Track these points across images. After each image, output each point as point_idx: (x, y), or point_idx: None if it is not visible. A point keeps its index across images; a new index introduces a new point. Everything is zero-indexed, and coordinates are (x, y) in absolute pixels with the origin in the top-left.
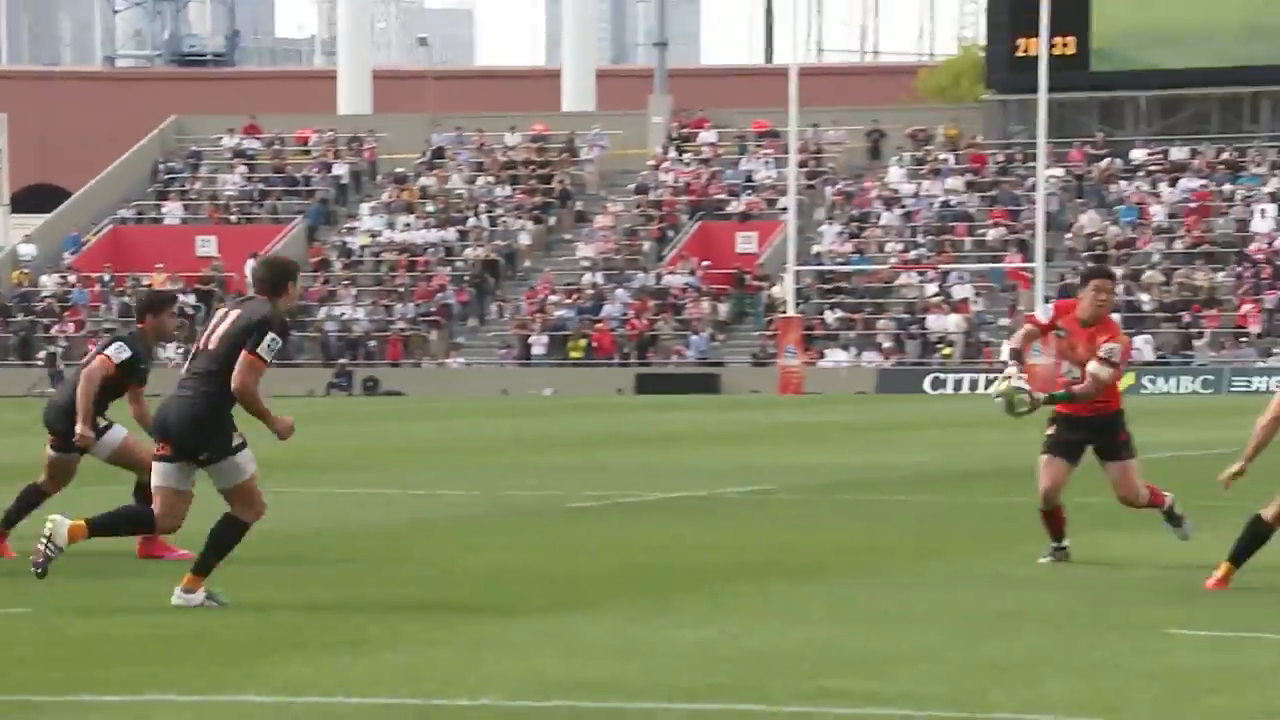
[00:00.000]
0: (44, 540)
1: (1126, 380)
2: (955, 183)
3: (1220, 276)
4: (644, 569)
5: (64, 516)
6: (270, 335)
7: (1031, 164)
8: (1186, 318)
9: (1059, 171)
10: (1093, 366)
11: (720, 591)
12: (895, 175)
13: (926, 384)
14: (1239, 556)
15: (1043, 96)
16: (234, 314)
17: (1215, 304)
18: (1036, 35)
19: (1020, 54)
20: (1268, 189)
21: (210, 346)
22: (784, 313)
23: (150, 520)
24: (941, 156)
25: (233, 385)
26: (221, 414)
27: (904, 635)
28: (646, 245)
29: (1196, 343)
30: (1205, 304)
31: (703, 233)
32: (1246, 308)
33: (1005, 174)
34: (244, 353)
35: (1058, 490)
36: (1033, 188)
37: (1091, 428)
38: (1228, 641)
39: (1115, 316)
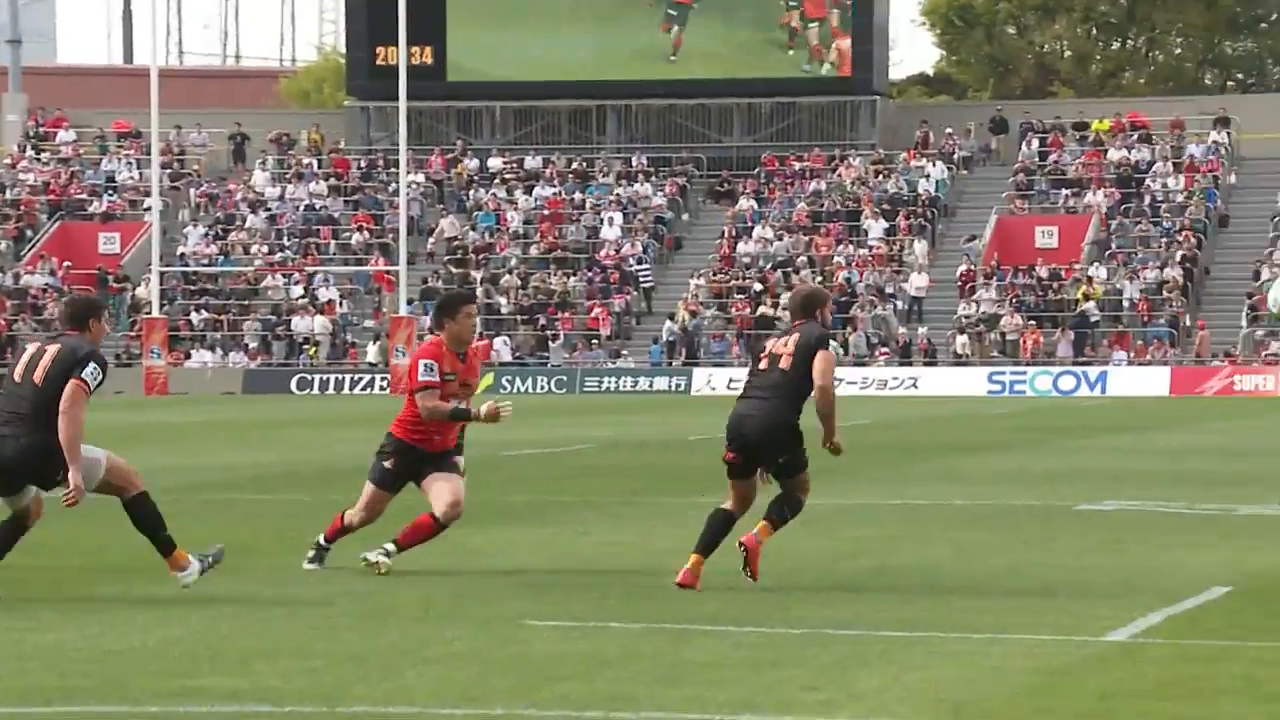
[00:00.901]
0: None
1: (485, 381)
2: (319, 187)
3: (572, 281)
4: None
5: None
6: (92, 365)
7: (394, 170)
8: (542, 320)
9: (420, 178)
10: None
11: (81, 594)
12: (260, 179)
13: (293, 384)
14: (707, 548)
15: (403, 105)
16: (52, 349)
17: (568, 307)
18: (395, 44)
19: (380, 63)
20: (614, 198)
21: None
22: (148, 314)
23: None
24: (305, 161)
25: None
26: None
27: (267, 632)
28: (3, 245)
29: (552, 344)
30: (559, 307)
31: (63, 233)
32: (597, 311)
33: (368, 179)
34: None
35: None
36: (395, 193)
37: None
38: (578, 631)
39: None
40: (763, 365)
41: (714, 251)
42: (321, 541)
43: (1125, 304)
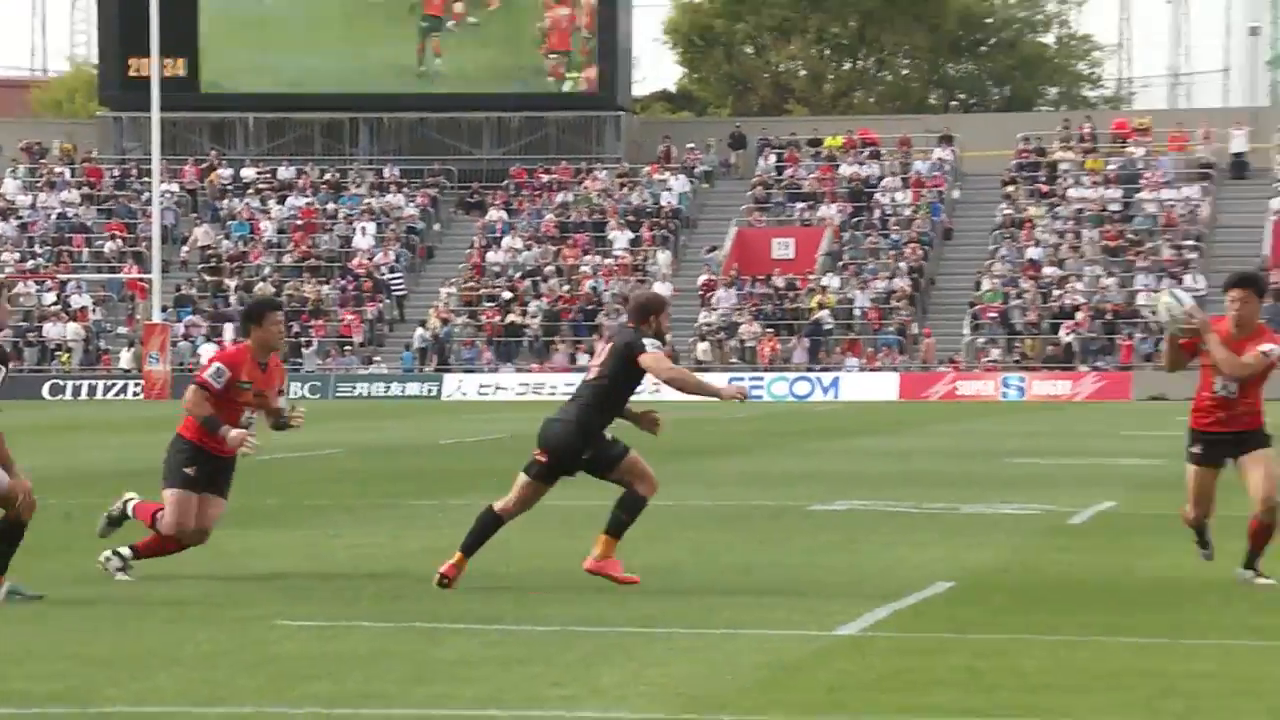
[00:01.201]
0: None
1: None
2: (72, 195)
3: (326, 289)
4: None
5: None
6: None
7: (147, 179)
8: (295, 327)
9: (174, 187)
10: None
11: None
12: (11, 187)
13: (45, 390)
14: (470, 548)
15: (155, 115)
16: None
17: (322, 314)
18: (148, 55)
19: (133, 74)
20: (366, 208)
21: None
22: None
23: None
24: (58, 170)
25: None
26: None
27: (17, 635)
28: None
29: (305, 351)
30: (313, 314)
31: None
32: (349, 318)
33: (122, 188)
34: None
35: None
36: (148, 202)
37: None
38: (329, 631)
39: None
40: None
41: (465, 261)
42: (126, 551)
43: (857, 313)
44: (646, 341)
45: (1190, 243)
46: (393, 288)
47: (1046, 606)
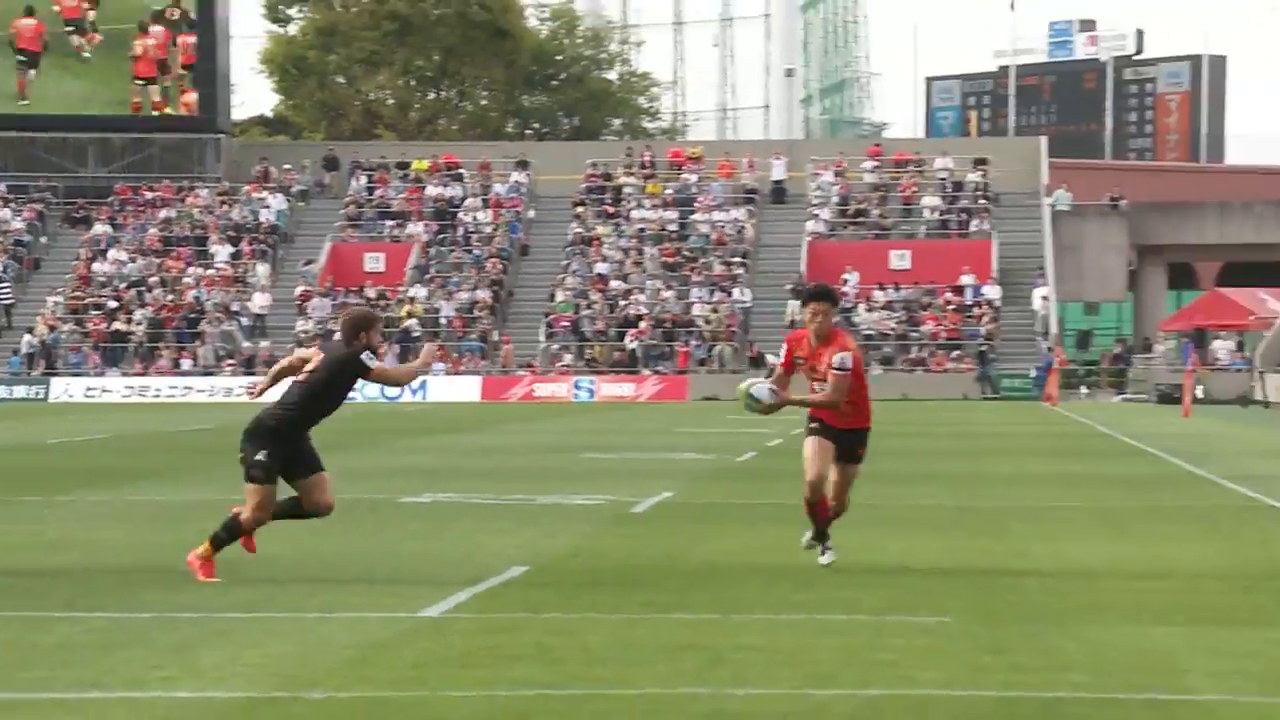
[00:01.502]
0: None
1: None
2: None
3: None
4: None
5: None
6: None
7: None
8: None
9: None
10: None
11: None
12: None
13: None
14: (219, 543)
15: None
16: None
17: None
18: None
19: None
20: None
21: None
22: None
23: None
24: None
25: None
26: None
27: None
28: None
29: None
30: None
31: None
32: None
33: None
34: None
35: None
36: None
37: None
38: None
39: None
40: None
41: (71, 272)
42: None
43: (443, 321)
44: (365, 357)
45: (738, 259)
46: (0, 297)
47: (611, 587)
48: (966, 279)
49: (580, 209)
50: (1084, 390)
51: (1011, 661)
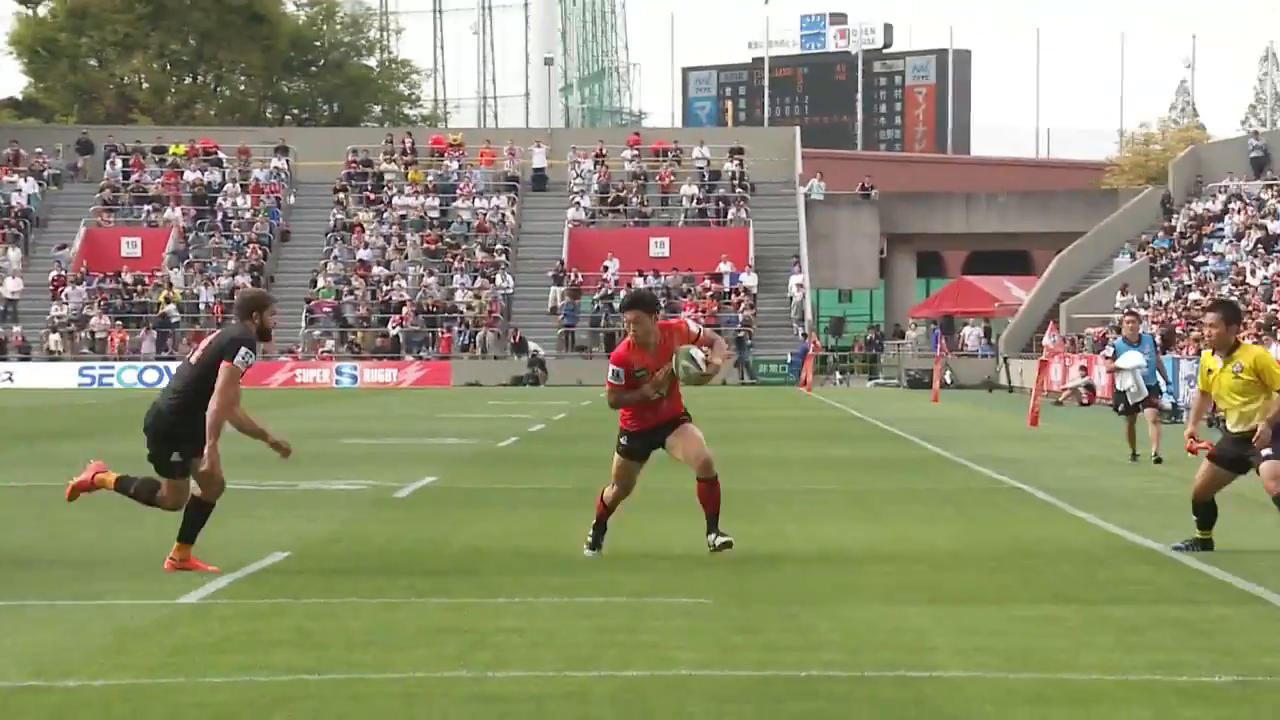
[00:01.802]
0: None
1: None
2: None
3: None
4: None
5: None
6: None
7: None
8: None
9: None
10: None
11: None
12: None
13: None
14: (187, 534)
15: None
16: None
17: None
18: None
19: None
20: None
21: None
22: None
23: None
24: None
25: None
26: None
27: None
28: None
29: None
30: None
31: None
32: None
33: None
34: None
35: None
36: None
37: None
38: None
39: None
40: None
41: None
42: None
43: (202, 306)
44: (240, 355)
45: (500, 246)
46: None
47: (373, 572)
48: (725, 266)
49: (341, 195)
50: (838, 375)
51: (767, 641)
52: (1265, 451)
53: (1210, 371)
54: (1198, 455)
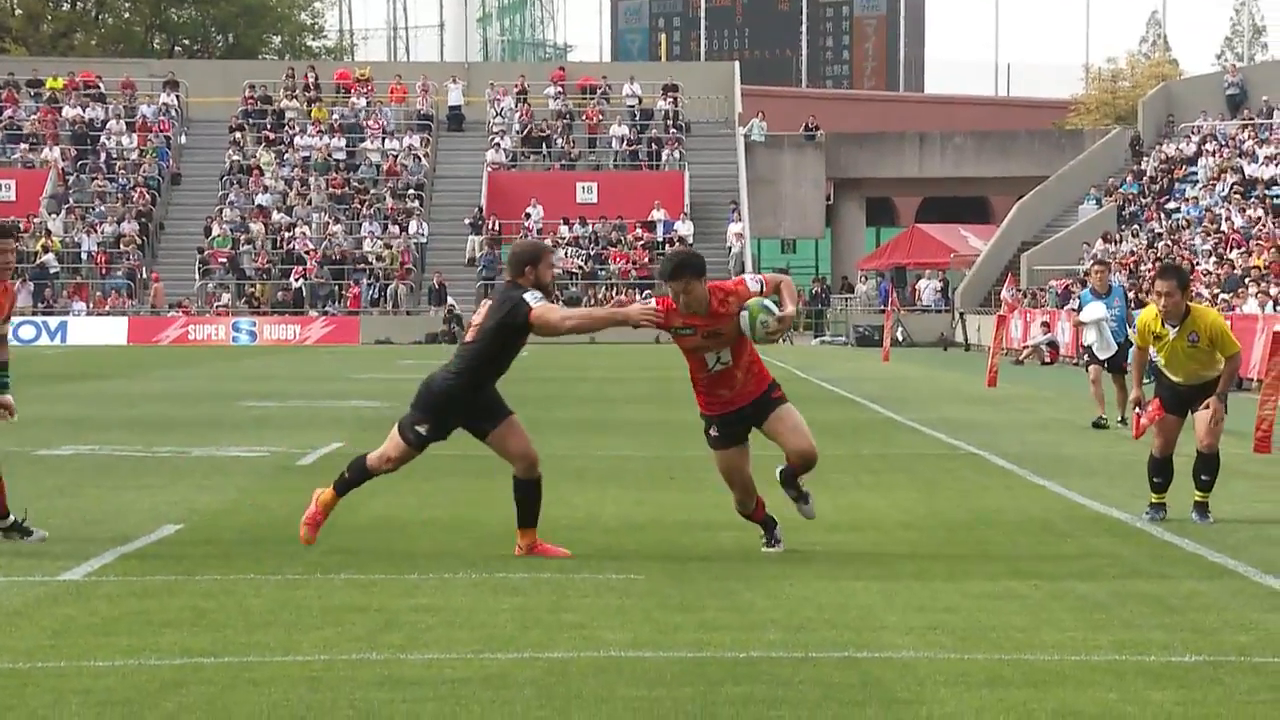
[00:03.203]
0: None
1: None
2: None
3: None
4: None
5: None
6: None
7: None
8: None
9: None
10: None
11: None
12: None
13: None
14: (529, 518)
15: None
16: None
17: None
18: None
19: None
20: None
21: None
22: None
23: None
24: None
25: None
26: None
27: None
28: None
29: None
30: None
31: None
32: None
33: None
34: None
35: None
36: None
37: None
38: None
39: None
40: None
41: None
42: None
43: (84, 256)
44: (529, 296)
45: (413, 191)
46: None
47: (274, 546)
48: (658, 214)
49: (238, 134)
50: None
51: (703, 620)
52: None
53: (1158, 337)
54: (1149, 426)
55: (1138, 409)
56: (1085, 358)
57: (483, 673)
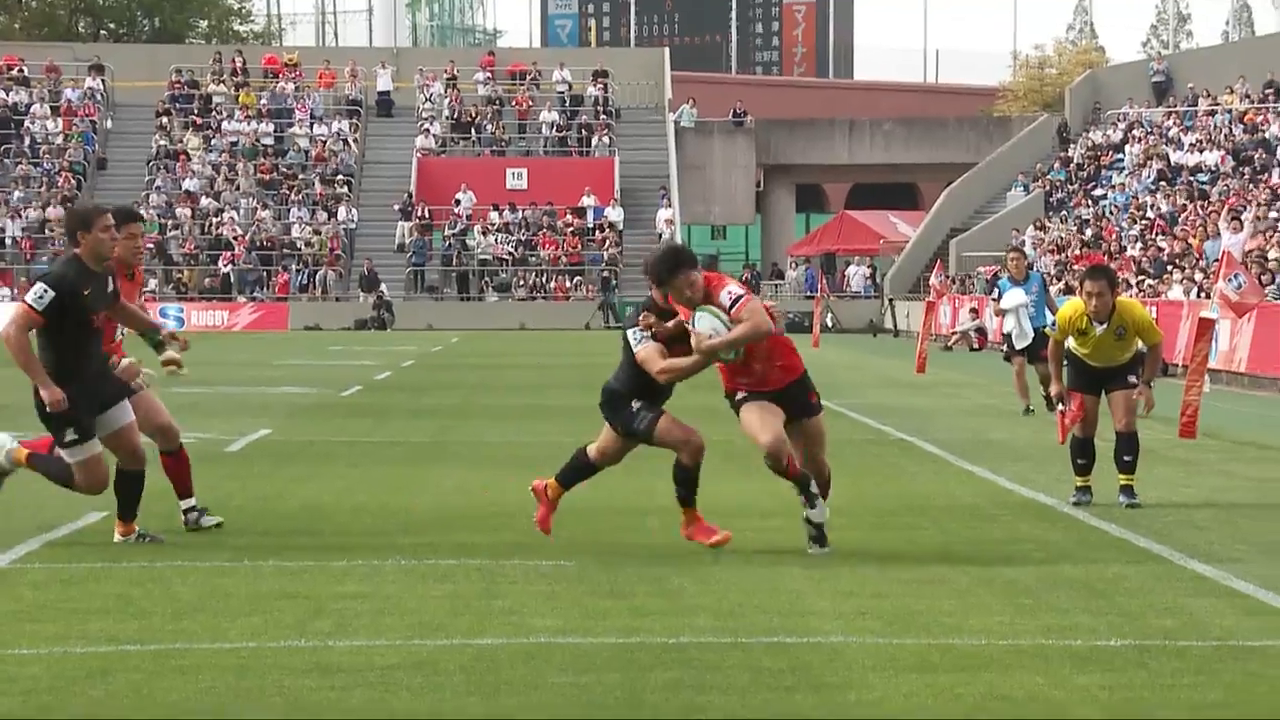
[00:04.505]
0: None
1: None
2: None
3: None
4: None
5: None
6: (40, 286)
7: None
8: None
9: None
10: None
11: None
12: None
13: None
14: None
15: None
16: None
17: None
18: None
19: None
20: None
21: None
22: None
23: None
24: None
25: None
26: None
27: None
28: None
29: None
30: None
31: None
32: None
33: None
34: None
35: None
36: None
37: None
38: None
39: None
40: None
41: None
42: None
43: (8, 242)
44: (631, 335)
45: (341, 177)
46: None
47: (201, 534)
48: (588, 200)
49: (164, 119)
50: None
51: (633, 606)
52: (1130, 378)
53: (1083, 333)
54: (1071, 426)
55: (1060, 406)
56: (1005, 348)
57: (412, 659)
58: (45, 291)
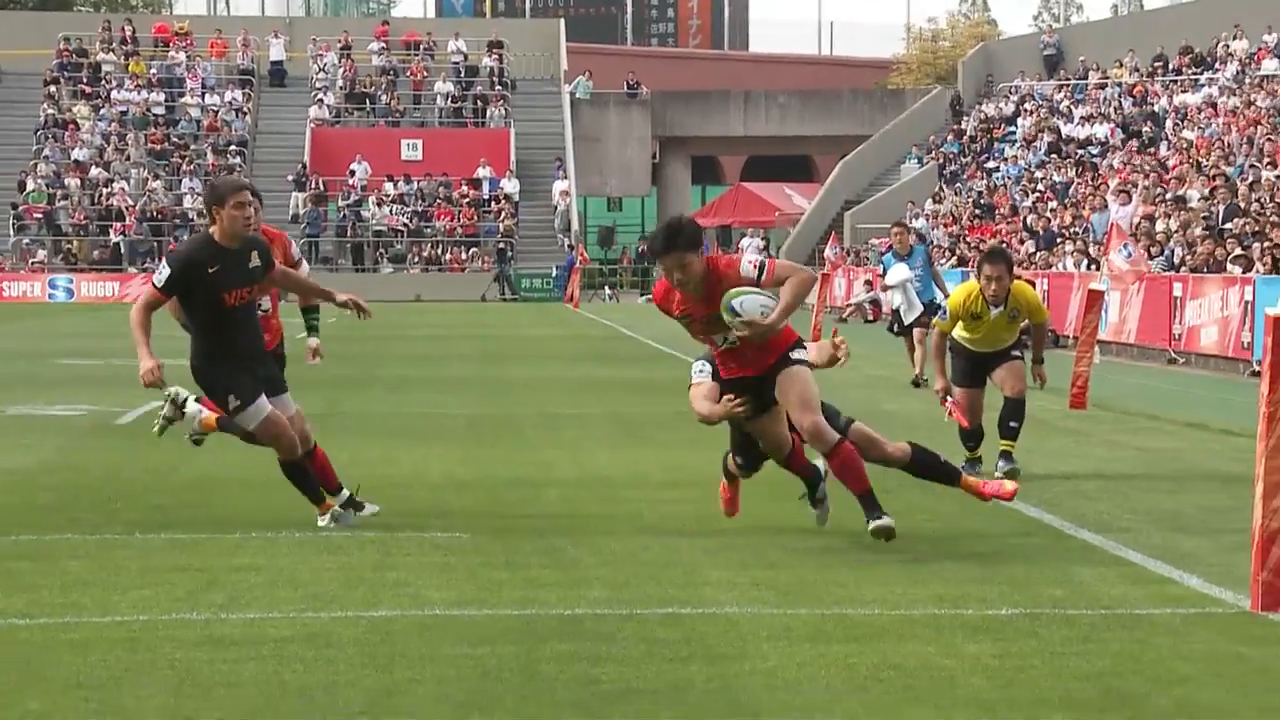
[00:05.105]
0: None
1: None
2: None
3: None
4: None
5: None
6: (161, 263)
7: None
8: None
9: None
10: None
11: None
12: None
13: None
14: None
15: None
16: None
17: None
18: None
19: None
20: None
21: None
22: None
23: None
24: None
25: None
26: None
27: None
28: None
29: None
30: None
31: None
32: None
33: None
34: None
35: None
36: None
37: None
38: None
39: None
40: None
41: None
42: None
43: None
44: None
45: (234, 148)
46: None
47: (92, 506)
48: (483, 171)
49: (52, 88)
50: (607, 291)
51: (528, 578)
52: (1014, 352)
53: (977, 317)
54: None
55: (949, 399)
56: (894, 326)
57: (305, 631)
58: (164, 269)
